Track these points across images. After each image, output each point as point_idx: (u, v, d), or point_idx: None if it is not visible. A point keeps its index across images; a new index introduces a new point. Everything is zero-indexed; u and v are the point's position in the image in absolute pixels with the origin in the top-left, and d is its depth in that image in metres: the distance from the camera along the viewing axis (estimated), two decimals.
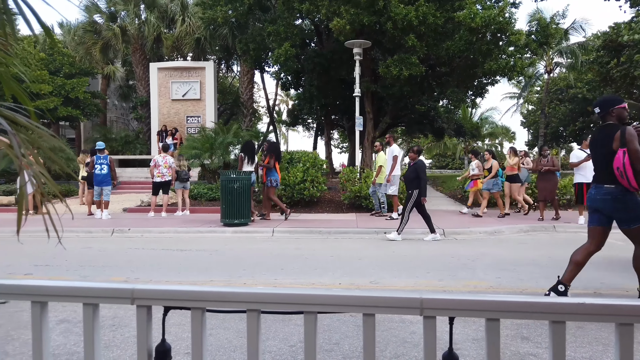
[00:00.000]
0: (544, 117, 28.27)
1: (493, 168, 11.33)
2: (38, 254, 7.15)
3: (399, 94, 16.06)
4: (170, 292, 1.15)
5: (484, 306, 1.08)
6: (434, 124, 23.37)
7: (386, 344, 3.50)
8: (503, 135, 46.85)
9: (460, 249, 7.55)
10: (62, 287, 1.17)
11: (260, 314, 1.15)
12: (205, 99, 20.40)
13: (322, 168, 13.17)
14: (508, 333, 3.68)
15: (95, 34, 22.92)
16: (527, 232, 9.38)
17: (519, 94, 37.49)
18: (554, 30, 15.31)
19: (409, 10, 12.97)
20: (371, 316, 1.12)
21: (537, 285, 5.18)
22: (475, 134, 36.41)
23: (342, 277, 5.61)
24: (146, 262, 6.65)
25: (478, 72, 15.60)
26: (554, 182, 10.54)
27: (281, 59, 15.32)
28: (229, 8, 16.85)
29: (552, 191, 10.48)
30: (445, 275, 5.69)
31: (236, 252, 7.40)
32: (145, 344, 1.16)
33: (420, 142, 47.14)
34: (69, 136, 27.53)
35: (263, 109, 34.35)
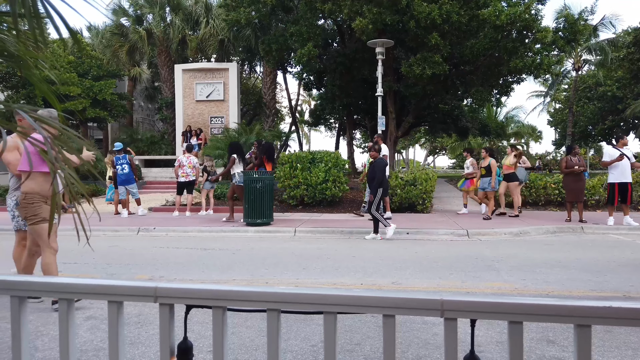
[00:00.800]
0: (572, 115, 27.64)
1: (492, 167, 10.84)
2: (67, 251, 7.32)
3: (421, 93, 15.94)
4: (192, 290, 1.17)
5: (507, 309, 1.07)
6: (458, 123, 23.09)
7: (408, 345, 3.47)
8: (529, 135, 45.96)
9: (484, 249, 7.45)
10: (88, 285, 1.20)
11: (280, 313, 1.16)
12: (228, 99, 20.60)
13: (344, 168, 13.14)
14: (533, 336, 3.61)
15: (122, 37, 23.40)
16: (554, 233, 9.19)
17: (545, 92, 36.75)
18: (582, 27, 14.95)
19: (432, 8, 12.84)
20: (391, 317, 1.11)
21: (563, 287, 5.07)
22: (500, 133, 35.82)
23: (363, 277, 5.60)
24: (170, 260, 6.75)
25: (503, 70, 15.36)
26: (584, 182, 10.20)
27: (303, 59, 15.37)
28: (252, 9, 16.98)
29: (582, 192, 10.15)
30: (469, 276, 5.61)
31: (258, 252, 7.45)
32: (168, 341, 1.18)
33: (444, 141, 46.69)
34: (97, 137, 28.18)
35: (285, 109, 34.53)
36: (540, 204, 12.68)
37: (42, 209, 4.14)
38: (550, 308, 1.04)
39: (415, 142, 52.88)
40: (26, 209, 4.12)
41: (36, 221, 4.13)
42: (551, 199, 12.61)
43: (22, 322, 1.21)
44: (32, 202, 4.12)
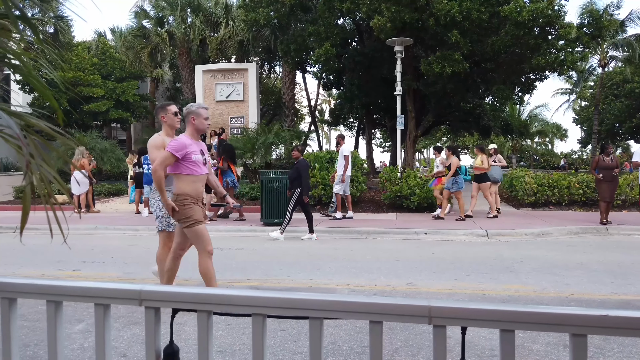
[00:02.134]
0: (598, 113, 26.93)
1: (452, 165, 10.32)
2: (87, 250, 7.47)
3: (441, 92, 15.73)
4: (177, 294, 1.15)
5: (498, 316, 1.02)
6: (479, 122, 22.70)
7: (419, 349, 3.41)
8: (553, 133, 45.01)
9: (504, 250, 7.30)
10: (75, 287, 1.20)
11: (265, 318, 1.13)
12: (248, 100, 20.70)
13: (362, 167, 13.05)
14: (550, 341, 3.51)
15: (144, 39, 23.75)
16: (577, 234, 8.96)
17: (571, 90, 35.94)
18: (608, 22, 14.54)
19: (452, 5, 12.66)
20: (378, 323, 1.08)
21: (584, 290, 4.93)
22: (524, 131, 35.19)
23: (378, 278, 5.54)
24: (187, 259, 6.78)
25: (525, 67, 15.04)
26: (616, 182, 9.67)
27: (322, 58, 15.33)
28: (271, 9, 17.02)
29: (614, 192, 9.68)
30: (486, 278, 5.51)
31: (273, 252, 7.45)
32: (154, 345, 1.17)
33: (465, 140, 46.04)
34: (120, 137, 28.69)
35: (305, 108, 34.55)
36: (563, 203, 12.39)
37: (193, 210, 4.04)
38: (544, 316, 0.99)
39: (436, 141, 52.35)
40: (178, 212, 4.03)
41: (190, 224, 4.04)
42: (575, 198, 12.30)
43: (11, 324, 1.22)
44: (183, 203, 4.01)
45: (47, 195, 1.37)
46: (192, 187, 4.06)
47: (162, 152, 4.05)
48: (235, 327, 3.85)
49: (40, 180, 1.36)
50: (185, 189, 4.04)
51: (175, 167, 4.04)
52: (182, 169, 4.04)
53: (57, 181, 1.39)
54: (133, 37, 23.77)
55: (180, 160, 3.99)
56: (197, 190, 4.11)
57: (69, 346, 3.45)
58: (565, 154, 43.95)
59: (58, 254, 7.18)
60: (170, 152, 3.94)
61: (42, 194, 1.36)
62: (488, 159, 10.94)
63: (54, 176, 1.40)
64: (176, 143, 4.00)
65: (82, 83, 21.48)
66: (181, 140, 4.04)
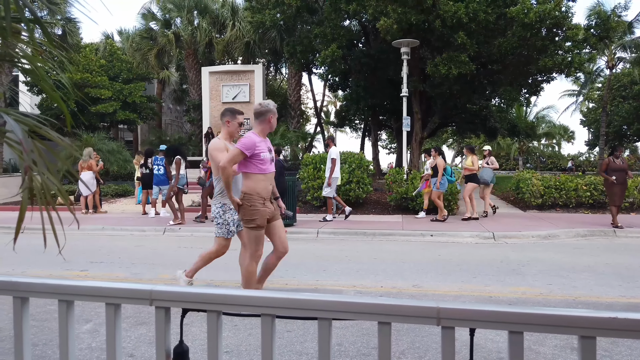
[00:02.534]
0: (606, 115, 26.75)
1: (439, 166, 10.24)
2: (94, 251, 7.52)
3: (448, 93, 15.69)
4: (187, 294, 1.16)
5: (507, 318, 1.02)
6: (486, 124, 22.63)
7: (425, 350, 3.41)
8: (560, 135, 44.76)
9: (510, 253, 7.27)
10: (86, 287, 1.21)
11: (274, 318, 1.14)
12: (254, 101, 20.74)
13: (368, 169, 13.04)
14: (557, 343, 3.50)
15: (151, 41, 23.89)
16: (584, 237, 8.90)
17: (578, 91, 35.73)
18: (616, 24, 14.46)
19: (458, 7, 12.63)
20: (387, 324, 1.08)
21: (591, 293, 4.90)
22: (530, 133, 34.99)
23: (384, 279, 5.54)
24: (194, 260, 6.83)
25: (532, 69, 14.98)
26: (626, 185, 9.51)
27: (328, 60, 15.34)
28: (277, 11, 17.06)
29: (624, 195, 9.56)
30: (493, 280, 5.49)
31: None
32: (164, 344, 1.18)
33: (471, 141, 45.83)
34: (127, 139, 28.84)
35: (311, 110, 34.60)
36: (571, 206, 12.32)
37: (259, 213, 3.98)
38: (553, 318, 0.99)
39: (442, 143, 52.21)
40: (244, 209, 3.98)
41: (251, 226, 4.00)
42: (582, 201, 12.23)
43: (24, 323, 1.23)
44: (250, 203, 3.96)
45: (47, 201, 1.38)
46: (260, 186, 4.00)
47: (232, 150, 4.00)
48: (241, 328, 3.86)
49: (41, 187, 1.37)
50: (253, 188, 3.98)
51: (244, 165, 3.99)
52: (251, 167, 3.98)
53: (58, 189, 1.40)
54: (140, 38, 23.92)
55: (249, 158, 3.94)
56: (265, 188, 4.05)
57: (77, 346, 3.47)
58: (572, 156, 43.70)
59: (65, 255, 7.23)
60: (240, 150, 3.89)
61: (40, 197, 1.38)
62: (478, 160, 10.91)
63: (55, 183, 1.41)
64: (247, 140, 3.94)
65: (89, 84, 21.63)
66: (251, 138, 3.98)
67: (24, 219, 1.39)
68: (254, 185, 3.98)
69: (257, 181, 3.99)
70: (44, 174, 1.35)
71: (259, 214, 3.98)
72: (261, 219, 4.01)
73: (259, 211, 3.98)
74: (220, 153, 4.28)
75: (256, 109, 4.18)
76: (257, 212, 3.97)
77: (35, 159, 1.35)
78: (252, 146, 3.93)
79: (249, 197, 3.97)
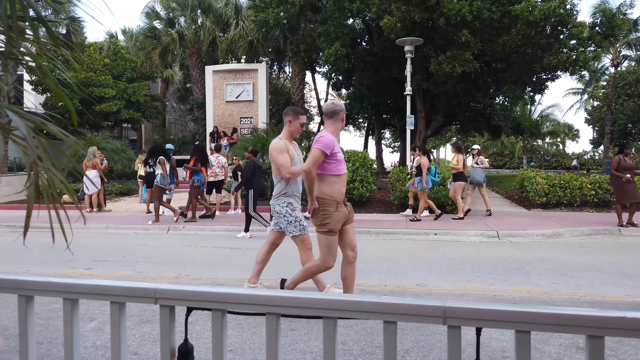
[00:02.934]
0: (611, 113, 26.62)
1: (422, 166, 10.20)
2: (99, 249, 7.54)
3: (452, 92, 15.66)
4: (192, 292, 1.16)
5: (514, 317, 1.01)
6: (490, 122, 22.57)
7: (430, 349, 3.40)
8: (565, 134, 44.58)
9: (514, 252, 7.25)
10: (91, 286, 1.21)
11: (279, 317, 1.13)
12: (257, 100, 20.77)
13: (372, 168, 13.02)
14: (562, 342, 3.48)
15: (155, 40, 23.92)
16: (589, 236, 8.86)
17: (583, 90, 35.59)
18: (621, 22, 14.40)
19: (462, 5, 12.60)
20: (392, 324, 1.08)
21: (596, 292, 4.88)
22: (535, 132, 34.89)
23: (388, 278, 5.53)
24: (198, 259, 6.85)
25: (537, 67, 14.93)
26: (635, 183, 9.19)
27: (331, 59, 15.33)
28: (281, 10, 17.05)
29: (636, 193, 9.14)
30: (497, 279, 5.47)
31: (284, 252, 7.44)
32: (168, 343, 1.17)
33: (476, 140, 45.71)
34: (131, 137, 28.91)
35: (314, 109, 34.58)
36: (575, 204, 12.26)
37: (332, 218, 3.79)
38: (560, 317, 0.98)
39: (446, 142, 52.12)
40: (317, 214, 3.80)
41: (324, 231, 3.83)
42: (587, 199, 12.17)
43: (29, 321, 1.23)
44: (324, 207, 3.79)
45: (53, 198, 1.38)
46: (335, 189, 3.83)
47: (312, 151, 3.75)
48: (245, 327, 3.86)
49: (47, 183, 1.37)
50: (327, 191, 3.80)
51: (320, 167, 3.78)
52: (327, 168, 3.80)
53: (64, 185, 1.40)
54: (144, 37, 23.95)
55: (327, 158, 3.76)
56: (340, 191, 3.88)
57: (82, 344, 3.48)
58: (577, 155, 43.54)
59: (69, 253, 7.26)
60: (321, 150, 3.71)
61: (47, 195, 1.38)
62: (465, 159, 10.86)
63: (61, 180, 1.41)
64: (326, 140, 3.76)
65: (94, 84, 21.68)
66: (329, 137, 3.80)
67: (31, 214, 1.39)
68: (328, 188, 3.80)
69: (332, 184, 3.81)
70: (49, 169, 1.34)
71: (332, 219, 3.80)
72: (334, 223, 3.82)
73: (331, 216, 3.79)
74: (281, 154, 4.14)
75: (329, 107, 4.01)
76: (330, 217, 3.78)
77: (40, 155, 1.35)
78: (331, 145, 3.75)
79: (322, 201, 3.79)
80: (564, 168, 37.26)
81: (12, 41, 1.55)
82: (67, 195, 1.44)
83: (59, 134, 1.53)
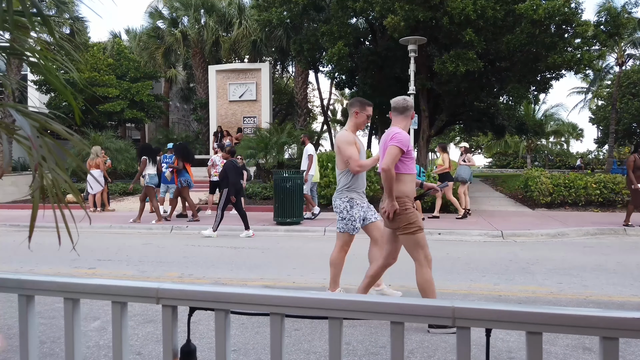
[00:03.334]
0: (615, 112, 26.48)
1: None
2: (102, 249, 7.54)
3: (455, 91, 15.60)
4: (194, 292, 1.14)
5: (524, 318, 0.99)
6: (494, 121, 22.49)
7: (434, 350, 3.37)
8: (569, 133, 44.39)
9: (519, 251, 7.20)
10: (92, 285, 1.19)
11: (284, 317, 1.11)
12: (260, 99, 20.76)
13: (375, 167, 12.98)
14: (569, 343, 3.45)
15: (158, 39, 23.94)
16: (594, 235, 8.81)
17: (587, 89, 35.44)
18: (626, 20, 14.29)
19: (466, 4, 12.54)
20: (400, 324, 1.05)
21: (602, 292, 4.84)
22: (539, 131, 34.68)
23: (392, 279, 5.49)
24: (201, 258, 6.83)
25: (541, 66, 14.84)
26: None
27: (334, 58, 15.29)
28: (284, 9, 17.03)
29: None
30: (502, 279, 5.44)
31: (287, 251, 7.45)
32: (171, 343, 1.15)
33: (479, 140, 45.63)
34: (135, 137, 28.96)
35: (318, 108, 34.57)
36: (580, 204, 12.20)
37: (416, 215, 3.64)
38: (573, 318, 0.96)
39: (450, 141, 52.02)
40: (399, 216, 3.58)
41: (413, 230, 3.60)
42: (592, 199, 12.11)
43: (29, 320, 1.21)
44: (405, 207, 3.58)
45: (58, 198, 1.36)
46: (410, 187, 3.67)
47: (390, 150, 3.56)
48: (249, 327, 3.84)
49: (52, 183, 1.35)
50: (404, 190, 3.61)
51: (395, 166, 3.60)
52: (402, 167, 3.64)
53: (68, 185, 1.38)
54: (147, 37, 23.98)
55: (402, 156, 3.60)
56: (413, 189, 3.72)
57: (85, 343, 3.47)
58: (581, 154, 43.34)
59: (73, 253, 7.26)
60: (399, 147, 3.55)
61: (52, 194, 1.35)
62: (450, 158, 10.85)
63: (66, 180, 1.39)
64: (402, 137, 3.60)
65: (97, 83, 21.72)
66: (404, 133, 3.65)
67: (36, 216, 1.37)
68: (405, 187, 3.63)
69: (407, 182, 3.65)
70: (54, 170, 1.32)
71: (416, 216, 3.64)
72: (420, 220, 3.68)
73: (414, 213, 3.63)
74: (349, 146, 4.03)
75: (400, 103, 3.86)
76: (413, 214, 3.62)
77: (45, 154, 1.33)
78: (407, 142, 3.61)
79: (401, 201, 3.58)
80: (568, 167, 37.12)
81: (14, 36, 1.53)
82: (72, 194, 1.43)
83: (64, 132, 1.51)
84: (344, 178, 4.19)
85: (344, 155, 4.05)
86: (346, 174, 4.16)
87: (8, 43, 1.77)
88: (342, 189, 4.21)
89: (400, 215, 3.59)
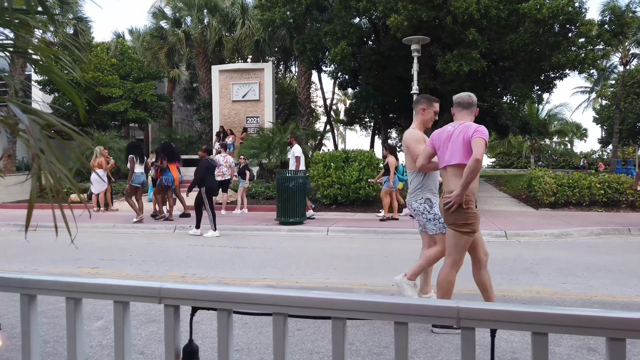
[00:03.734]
0: (619, 112, 26.37)
1: (390, 165, 10.23)
2: (105, 248, 7.55)
3: (459, 91, 15.46)
4: (197, 292, 1.13)
5: (531, 318, 0.98)
6: (497, 121, 22.42)
7: (438, 350, 3.36)
8: (573, 133, 44.22)
9: (523, 251, 7.18)
10: (94, 285, 1.18)
11: (287, 317, 1.10)
12: (264, 99, 20.76)
13: (378, 167, 12.98)
14: (573, 344, 3.43)
15: (162, 39, 23.97)
16: (598, 235, 8.77)
17: (591, 88, 35.30)
18: (630, 19, 14.24)
19: (469, 3, 12.50)
20: (404, 325, 1.04)
21: (607, 292, 4.81)
22: (542, 131, 34.62)
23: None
24: (204, 258, 6.84)
25: (545, 65, 14.79)
26: None
27: (337, 58, 15.28)
28: (287, 9, 17.02)
29: None
30: (506, 279, 5.41)
31: (290, 251, 7.44)
32: (173, 343, 1.15)
33: None
34: (138, 137, 29.00)
35: (320, 108, 34.54)
36: (584, 204, 12.15)
37: (477, 218, 3.53)
38: (580, 319, 0.94)
39: None
40: (458, 212, 3.47)
41: (465, 231, 3.50)
42: (596, 199, 12.06)
43: (31, 320, 1.21)
44: (469, 205, 3.47)
45: (57, 192, 1.35)
46: (475, 186, 3.53)
47: (479, 142, 3.37)
48: (252, 326, 3.84)
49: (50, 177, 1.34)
50: (471, 188, 3.48)
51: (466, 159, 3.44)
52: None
53: (67, 178, 1.37)
54: (151, 37, 24.01)
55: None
56: (476, 188, 3.56)
57: (88, 343, 3.47)
58: (585, 154, 43.18)
59: (77, 252, 7.26)
60: (486, 141, 3.40)
61: (50, 189, 1.35)
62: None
63: (65, 173, 1.38)
64: (483, 130, 3.46)
65: (101, 83, 21.78)
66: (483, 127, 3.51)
67: (33, 206, 1.36)
68: (472, 185, 3.47)
69: (474, 180, 3.48)
70: (52, 163, 1.32)
71: (477, 218, 3.53)
72: (478, 223, 3.56)
73: (476, 214, 3.52)
74: (419, 144, 3.92)
75: (466, 98, 3.77)
76: (474, 216, 3.50)
77: (43, 147, 1.32)
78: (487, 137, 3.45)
79: (468, 198, 3.47)
80: (572, 167, 36.99)
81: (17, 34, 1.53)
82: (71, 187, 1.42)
83: (67, 129, 1.51)
84: (416, 179, 4.06)
85: (414, 154, 3.94)
86: (417, 175, 4.04)
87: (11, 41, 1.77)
88: (415, 190, 4.08)
89: (461, 211, 3.47)
